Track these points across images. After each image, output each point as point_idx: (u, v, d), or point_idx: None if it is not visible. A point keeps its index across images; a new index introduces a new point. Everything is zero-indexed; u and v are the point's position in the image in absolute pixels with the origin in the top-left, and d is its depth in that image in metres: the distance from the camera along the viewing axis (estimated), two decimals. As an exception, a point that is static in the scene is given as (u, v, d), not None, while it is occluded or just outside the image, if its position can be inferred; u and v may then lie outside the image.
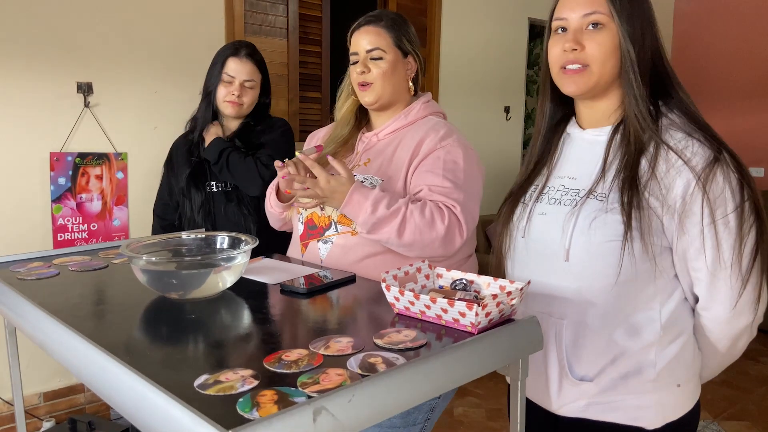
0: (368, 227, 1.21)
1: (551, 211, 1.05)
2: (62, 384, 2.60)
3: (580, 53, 0.99)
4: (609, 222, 0.97)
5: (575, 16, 0.99)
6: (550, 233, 1.03)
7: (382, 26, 1.36)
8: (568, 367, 1.03)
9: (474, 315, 0.84)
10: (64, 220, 2.48)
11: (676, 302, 1.02)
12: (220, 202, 1.84)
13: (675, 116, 1.00)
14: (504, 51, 4.18)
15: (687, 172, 0.94)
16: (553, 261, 1.02)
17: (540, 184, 1.10)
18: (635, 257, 0.96)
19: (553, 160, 1.11)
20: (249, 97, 1.85)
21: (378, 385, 0.68)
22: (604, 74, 0.99)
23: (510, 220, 1.12)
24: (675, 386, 1.03)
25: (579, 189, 1.03)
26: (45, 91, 2.42)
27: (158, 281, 1.02)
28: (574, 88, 1.02)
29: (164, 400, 0.63)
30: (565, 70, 1.01)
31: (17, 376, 1.32)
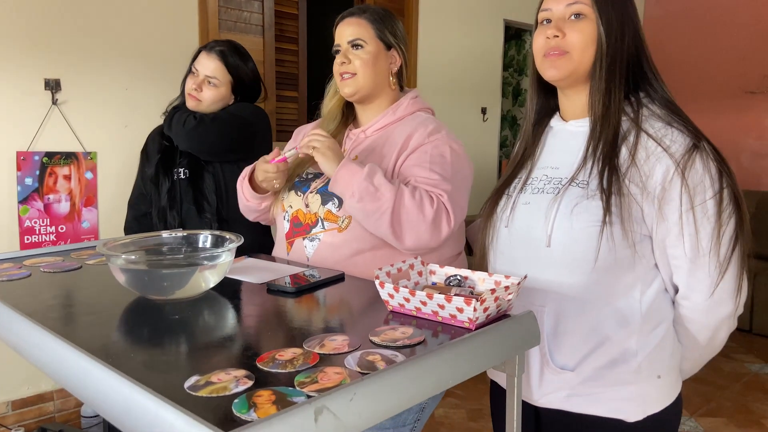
0: (361, 193, 1.17)
1: (534, 200, 1.06)
2: (31, 392, 2.50)
3: (561, 40, 1.02)
4: (590, 208, 0.98)
5: (559, 7, 1.03)
6: (533, 221, 1.04)
7: (365, 18, 1.34)
8: (549, 355, 1.03)
9: (472, 311, 0.82)
10: (31, 222, 2.38)
11: (656, 291, 1.02)
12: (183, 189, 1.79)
13: (656, 107, 1.02)
14: (480, 53, 4.20)
15: (666, 158, 0.96)
16: (536, 248, 1.03)
17: (523, 176, 1.12)
18: (615, 243, 0.97)
19: (536, 153, 1.13)
20: (210, 94, 1.77)
21: (379, 382, 0.66)
22: (583, 62, 1.02)
23: (494, 212, 1.12)
24: (656, 377, 1.03)
25: (561, 177, 1.05)
26: (11, 87, 2.33)
27: (138, 281, 0.97)
28: (553, 72, 1.04)
29: (154, 402, 0.59)
30: (548, 55, 1.04)
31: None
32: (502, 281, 0.94)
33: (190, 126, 1.70)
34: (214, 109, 1.80)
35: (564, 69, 1.03)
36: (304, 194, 1.33)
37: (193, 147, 1.74)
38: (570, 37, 1.01)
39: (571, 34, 1.01)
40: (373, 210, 1.18)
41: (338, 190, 1.22)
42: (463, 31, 4.05)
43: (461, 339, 0.79)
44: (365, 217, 1.20)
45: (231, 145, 1.75)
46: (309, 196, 1.32)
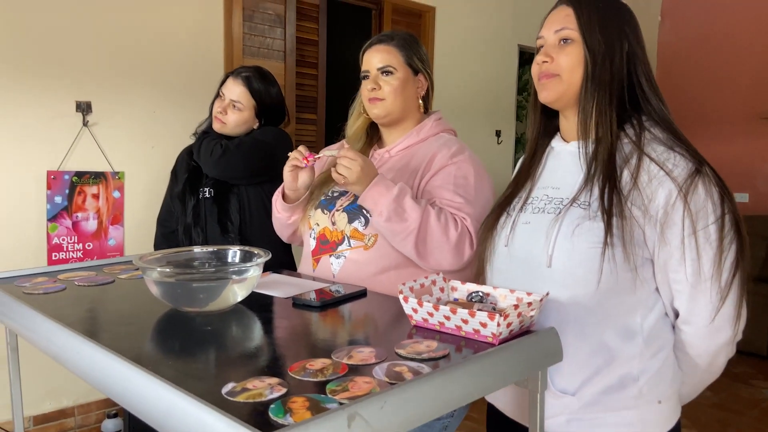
0: (389, 213, 1.20)
1: (535, 219, 1.07)
2: (52, 407, 2.54)
3: (551, 64, 1.06)
4: (592, 229, 0.98)
5: (550, 34, 1.07)
6: (533, 241, 1.05)
7: (394, 45, 1.38)
8: (549, 378, 1.02)
9: (496, 325, 0.84)
10: (59, 239, 2.45)
11: (657, 316, 1.02)
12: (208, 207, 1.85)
13: (658, 131, 1.04)
14: (495, 76, 4.26)
15: (669, 182, 0.97)
16: (536, 268, 1.03)
17: (524, 195, 1.13)
18: (616, 265, 0.97)
19: (536, 173, 1.14)
20: (234, 117, 1.84)
21: (408, 392, 0.68)
22: (572, 83, 1.05)
23: (494, 228, 1.13)
24: (656, 403, 1.02)
25: (562, 198, 1.06)
26: (44, 109, 2.42)
27: (172, 294, 1.01)
28: (545, 94, 1.08)
29: (195, 407, 0.62)
30: (540, 79, 1.08)
31: (18, 394, 1.29)
32: (524, 298, 0.96)
33: (217, 156, 1.77)
34: (238, 132, 1.87)
35: (554, 91, 1.06)
36: (330, 212, 1.37)
37: (220, 175, 1.82)
38: (558, 61, 1.05)
39: (559, 58, 1.05)
40: (400, 230, 1.21)
41: (367, 205, 1.25)
42: (478, 55, 4.11)
43: (485, 353, 0.81)
44: (392, 236, 1.24)
45: (254, 170, 1.81)
46: (335, 214, 1.36)
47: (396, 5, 3.61)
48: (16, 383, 1.29)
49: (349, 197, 1.37)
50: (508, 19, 4.27)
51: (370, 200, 1.23)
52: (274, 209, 1.47)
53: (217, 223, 1.80)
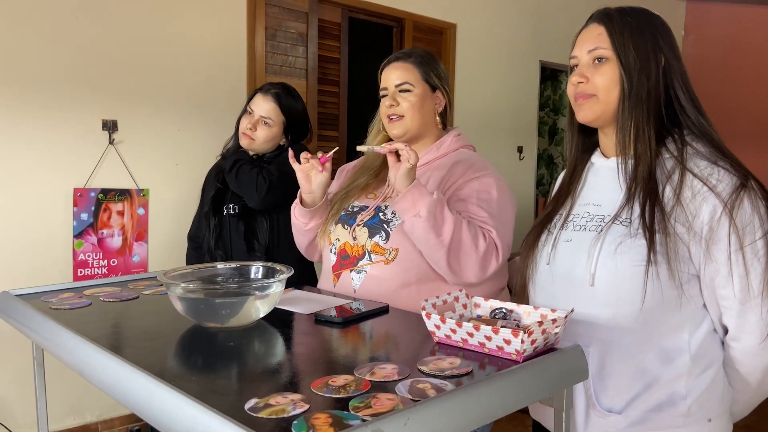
0: (428, 213, 1.18)
1: (576, 237, 1.06)
2: (76, 423, 2.56)
3: (586, 85, 1.05)
4: (635, 247, 0.97)
5: (583, 53, 1.07)
6: (575, 259, 1.04)
7: (411, 62, 1.40)
8: (595, 398, 1.01)
9: (520, 342, 0.83)
10: (84, 255, 2.49)
11: (705, 332, 1.01)
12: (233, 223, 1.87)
13: (700, 145, 1.02)
14: (516, 93, 4.25)
15: (713, 198, 0.95)
16: (579, 287, 1.02)
17: (564, 212, 1.12)
18: (661, 283, 0.96)
19: (577, 190, 1.13)
20: (263, 133, 1.87)
21: (431, 409, 0.67)
22: (610, 102, 1.04)
23: (535, 246, 1.13)
24: (706, 421, 1.00)
25: (604, 215, 1.05)
26: (71, 127, 2.47)
27: (195, 309, 1.02)
28: (583, 115, 1.07)
29: (219, 422, 0.62)
30: (577, 99, 1.08)
31: (43, 409, 1.31)
32: (548, 314, 0.95)
33: (263, 191, 1.78)
34: (267, 148, 1.89)
35: (592, 111, 1.05)
36: (350, 227, 1.37)
37: (264, 208, 1.83)
38: (594, 81, 1.04)
39: (595, 78, 1.04)
40: (434, 235, 1.20)
41: (402, 207, 1.22)
42: (499, 72, 4.12)
43: (509, 370, 0.80)
44: (425, 240, 1.22)
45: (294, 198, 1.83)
46: (356, 229, 1.36)
47: (417, 23, 3.64)
48: (41, 398, 1.30)
49: (370, 212, 1.37)
50: (529, 36, 4.28)
51: (409, 200, 1.20)
52: (292, 216, 1.47)
53: (243, 241, 1.81)
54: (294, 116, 1.92)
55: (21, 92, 2.36)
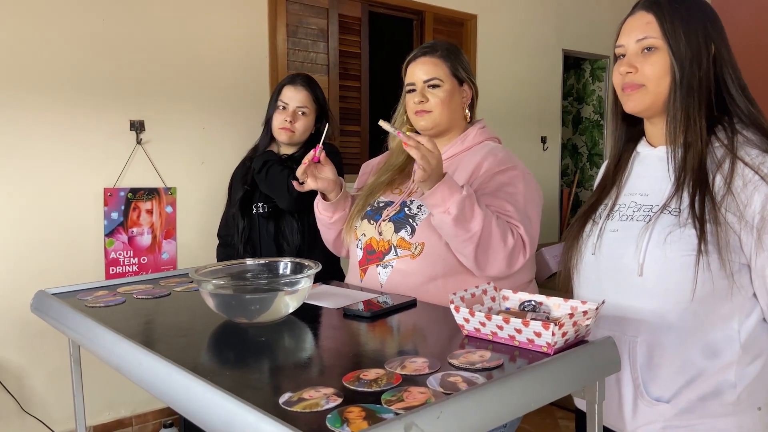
0: (458, 210, 1.17)
1: (623, 227, 1.05)
2: (111, 417, 2.62)
3: (635, 75, 1.03)
4: (685, 237, 0.96)
5: (631, 42, 1.04)
6: (622, 249, 1.03)
7: (438, 56, 1.38)
8: (643, 387, 1.01)
9: (551, 335, 0.83)
10: (116, 253, 2.54)
11: (756, 321, 0.99)
12: (263, 224, 1.88)
13: (750, 134, 1.01)
14: (539, 82, 4.20)
15: (765, 187, 0.94)
16: (626, 277, 1.02)
17: (610, 202, 1.11)
18: (711, 273, 0.95)
19: (623, 179, 1.12)
20: (301, 123, 1.89)
21: (464, 402, 0.67)
22: (660, 92, 1.02)
23: (579, 237, 1.12)
24: (756, 409, 1.00)
25: (652, 205, 1.04)
26: (100, 128, 2.52)
27: (226, 305, 1.03)
28: (632, 105, 1.05)
29: (255, 416, 0.63)
30: (625, 90, 1.06)
31: (80, 404, 1.34)
32: (579, 306, 0.94)
33: (295, 193, 1.74)
34: (305, 138, 1.91)
35: (642, 102, 1.04)
36: (376, 222, 1.38)
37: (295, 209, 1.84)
38: (643, 71, 1.02)
39: (644, 68, 1.02)
40: (463, 231, 1.19)
41: (431, 203, 1.20)
42: (521, 61, 4.07)
43: (541, 363, 0.80)
44: (453, 236, 1.22)
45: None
46: (382, 224, 1.36)
47: (437, 15, 3.62)
48: (78, 394, 1.34)
49: (395, 207, 1.37)
50: (552, 24, 4.22)
51: (439, 197, 1.19)
52: (316, 211, 1.48)
53: (273, 242, 1.83)
54: (323, 102, 1.96)
55: (51, 95, 2.41)
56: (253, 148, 2.05)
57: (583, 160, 5.14)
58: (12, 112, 2.34)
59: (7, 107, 2.33)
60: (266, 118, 1.98)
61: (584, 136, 5.13)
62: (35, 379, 2.44)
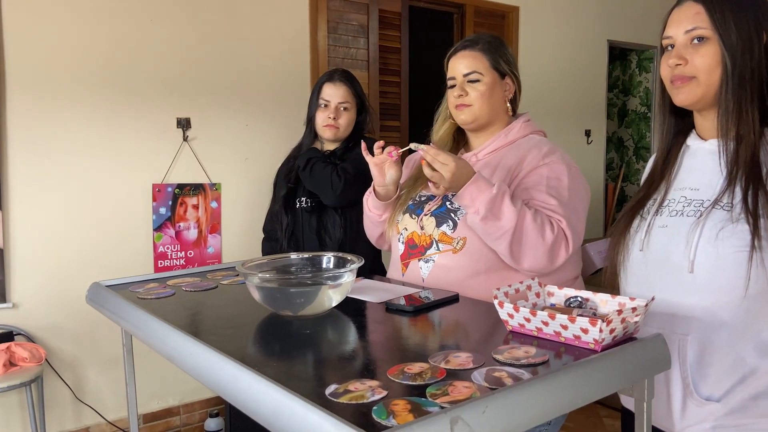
0: (486, 210, 1.18)
1: (673, 223, 1.03)
2: (159, 406, 2.71)
3: (685, 67, 1.01)
4: (737, 232, 0.94)
5: (679, 34, 1.02)
6: (672, 245, 1.01)
7: (479, 49, 1.37)
8: (693, 386, 0.98)
9: (598, 331, 0.81)
10: (164, 247, 2.62)
11: None
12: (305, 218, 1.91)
13: None
14: (583, 74, 4.12)
15: None
16: (676, 274, 0.99)
17: (658, 197, 1.08)
18: (766, 269, 0.92)
19: (672, 173, 1.09)
20: (345, 119, 1.92)
21: (509, 397, 0.67)
22: (712, 84, 1.00)
23: (626, 233, 1.09)
24: None
25: (702, 200, 1.01)
26: (149, 126, 2.60)
27: (272, 298, 1.05)
28: (682, 98, 1.03)
29: (302, 406, 0.64)
30: (674, 82, 1.03)
31: (132, 393, 1.39)
32: (627, 303, 0.92)
33: (339, 189, 1.81)
34: (348, 132, 1.93)
35: (692, 95, 1.01)
36: (418, 217, 1.38)
37: (340, 206, 1.87)
38: (694, 63, 0.99)
39: (695, 59, 0.99)
40: (494, 229, 1.20)
41: (463, 203, 1.23)
42: (565, 53, 4.00)
43: (588, 359, 0.79)
44: (486, 235, 1.23)
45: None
46: (424, 219, 1.36)
47: (478, 7, 3.58)
48: (131, 383, 1.38)
49: (437, 201, 1.37)
50: (596, 14, 4.12)
51: (468, 197, 1.20)
52: (365, 208, 1.49)
53: (315, 236, 1.86)
54: (363, 96, 1.99)
55: (103, 95, 2.50)
56: (297, 146, 2.08)
57: (629, 154, 5.01)
58: (69, 113, 2.44)
59: (64, 109, 2.43)
60: (308, 116, 2.01)
61: (630, 128, 5.00)
62: (88, 369, 2.55)
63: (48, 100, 2.40)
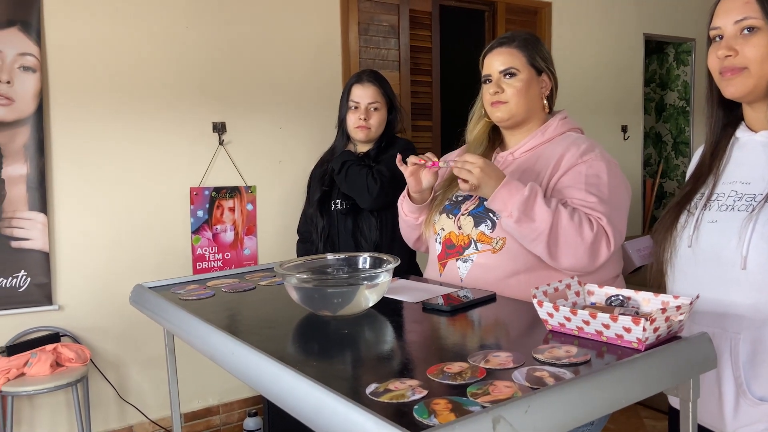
0: (519, 212, 1.18)
1: (723, 218, 1.00)
2: (200, 406, 2.77)
3: (735, 58, 0.98)
4: None
5: (728, 23, 0.99)
6: (723, 241, 0.98)
7: (515, 46, 1.36)
8: (746, 386, 0.96)
9: (641, 330, 0.80)
10: (202, 249, 2.68)
11: None
12: (341, 220, 1.92)
13: None
14: (619, 69, 4.04)
15: None
16: (728, 270, 0.97)
17: (707, 191, 1.06)
18: None
19: (720, 167, 1.06)
20: (375, 119, 1.93)
21: (552, 397, 0.66)
22: (764, 75, 0.97)
23: (673, 228, 1.07)
24: None
25: (755, 193, 0.98)
26: (186, 131, 2.66)
27: (310, 298, 1.06)
28: (733, 90, 1.00)
29: (344, 405, 0.65)
30: (724, 74, 1.00)
31: (175, 392, 1.42)
32: (670, 301, 0.90)
33: (375, 192, 1.82)
34: (380, 132, 1.94)
35: (743, 86, 0.98)
36: (455, 216, 1.37)
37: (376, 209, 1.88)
38: (744, 53, 0.97)
39: (745, 50, 0.97)
40: (529, 231, 1.19)
41: (495, 207, 1.23)
42: (599, 48, 3.93)
43: (632, 359, 0.77)
44: (522, 237, 1.22)
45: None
46: (461, 218, 1.36)
47: (509, 4, 3.55)
48: (174, 383, 1.42)
49: (474, 201, 1.36)
50: (631, 8, 4.04)
51: (499, 202, 1.21)
52: (401, 212, 1.49)
53: (351, 238, 1.87)
54: (393, 95, 1.99)
55: (140, 101, 2.57)
56: (330, 149, 2.09)
57: (667, 149, 4.89)
58: (109, 120, 2.51)
59: (105, 117, 2.50)
60: (339, 119, 2.02)
61: (668, 123, 4.88)
62: (131, 368, 2.61)
63: (89, 108, 2.47)
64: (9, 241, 2.32)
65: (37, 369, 2.23)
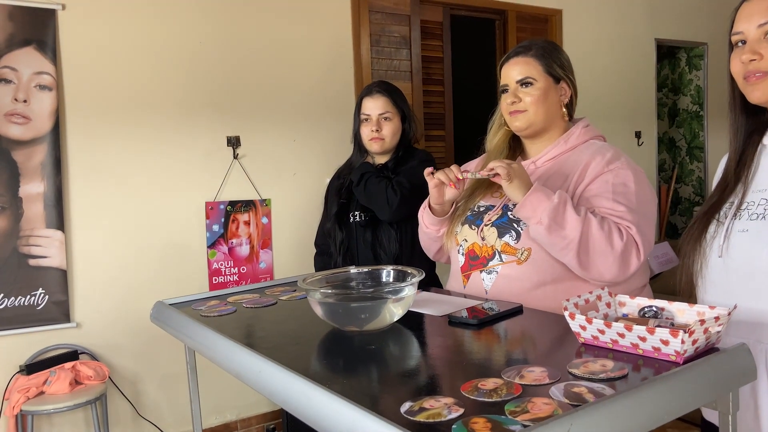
0: (550, 219, 1.17)
1: (754, 227, 0.98)
2: (218, 422, 2.75)
3: (760, 62, 0.97)
4: None
5: (751, 28, 0.98)
6: (756, 250, 0.96)
7: (531, 55, 1.35)
8: None
9: (680, 343, 0.77)
10: (218, 264, 2.67)
11: None
12: (360, 232, 1.91)
13: None
14: (631, 75, 4.01)
15: None
16: (761, 280, 0.95)
17: (736, 200, 1.03)
18: None
19: (749, 175, 1.04)
20: (388, 129, 1.91)
21: (594, 415, 0.64)
22: None
23: (702, 239, 1.05)
24: None
25: None
26: (201, 146, 2.67)
27: (334, 314, 1.05)
28: (758, 94, 0.98)
29: (382, 426, 0.63)
30: (748, 79, 0.98)
31: (197, 408, 1.41)
32: (706, 312, 0.88)
33: (395, 205, 1.80)
34: (395, 142, 1.93)
35: None
36: (478, 227, 1.36)
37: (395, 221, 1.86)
38: None
39: None
40: (559, 240, 1.17)
41: (524, 215, 1.22)
42: (611, 54, 3.91)
43: (671, 373, 0.75)
44: (551, 246, 1.20)
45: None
46: (484, 229, 1.34)
47: (520, 12, 3.55)
48: (195, 399, 1.40)
49: (497, 211, 1.35)
50: (642, 13, 4.02)
51: (529, 209, 1.19)
52: (421, 224, 1.48)
53: (370, 250, 1.85)
54: (405, 104, 1.98)
55: (155, 117, 2.58)
56: (346, 163, 2.08)
57: (681, 155, 4.84)
58: (124, 137, 2.52)
59: (119, 133, 2.51)
60: (353, 132, 2.01)
61: (682, 128, 4.84)
62: (149, 385, 2.60)
63: (104, 125, 2.48)
64: (27, 259, 2.33)
65: (57, 387, 2.22)
